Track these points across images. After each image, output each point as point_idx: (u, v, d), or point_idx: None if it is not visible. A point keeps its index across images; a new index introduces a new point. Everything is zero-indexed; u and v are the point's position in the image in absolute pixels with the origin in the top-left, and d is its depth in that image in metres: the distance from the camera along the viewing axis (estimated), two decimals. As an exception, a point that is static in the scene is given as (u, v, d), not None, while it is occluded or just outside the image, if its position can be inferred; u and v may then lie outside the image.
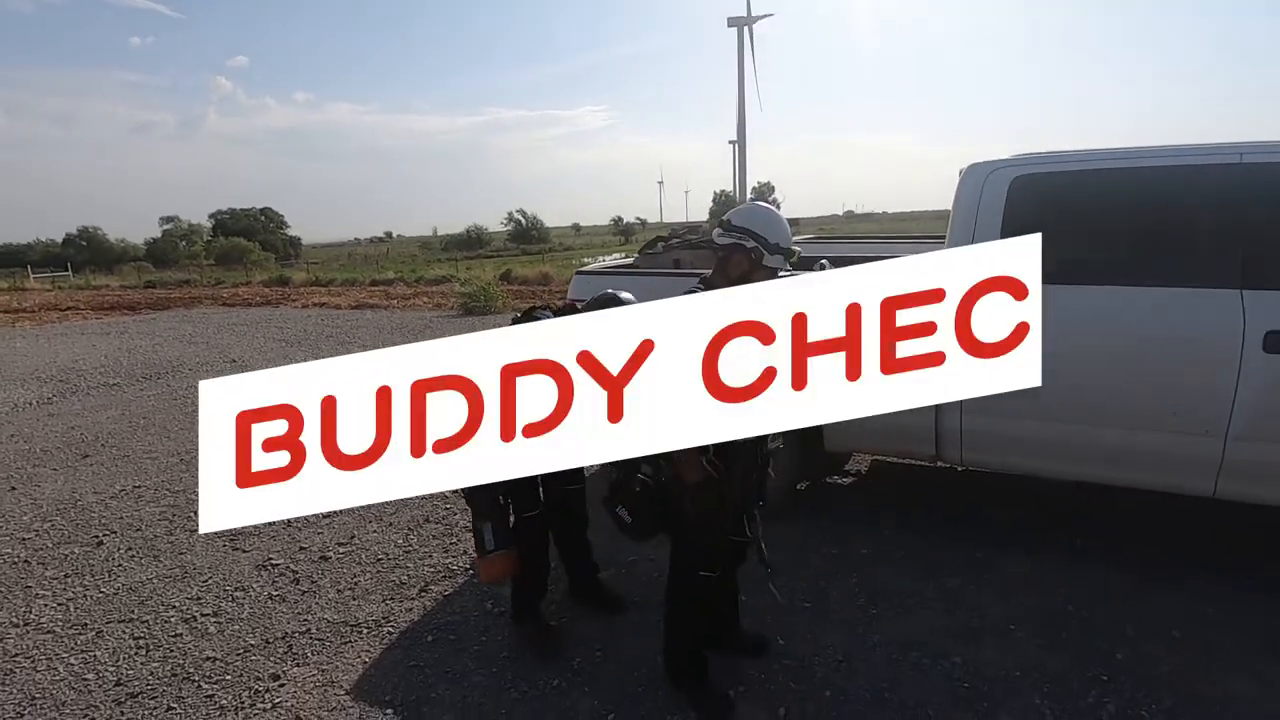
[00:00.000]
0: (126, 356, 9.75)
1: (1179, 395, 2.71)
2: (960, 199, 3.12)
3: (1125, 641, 2.54)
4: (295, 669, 2.60)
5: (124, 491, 4.48)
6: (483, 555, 2.49)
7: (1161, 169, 2.83)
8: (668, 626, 2.37)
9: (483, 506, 2.47)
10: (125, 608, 3.08)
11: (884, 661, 2.49)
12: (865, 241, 5.26)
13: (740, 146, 70.81)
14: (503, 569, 2.52)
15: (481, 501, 2.46)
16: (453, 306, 13.75)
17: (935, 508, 3.70)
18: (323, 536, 3.70)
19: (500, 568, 2.51)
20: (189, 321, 13.94)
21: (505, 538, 2.48)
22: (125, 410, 6.63)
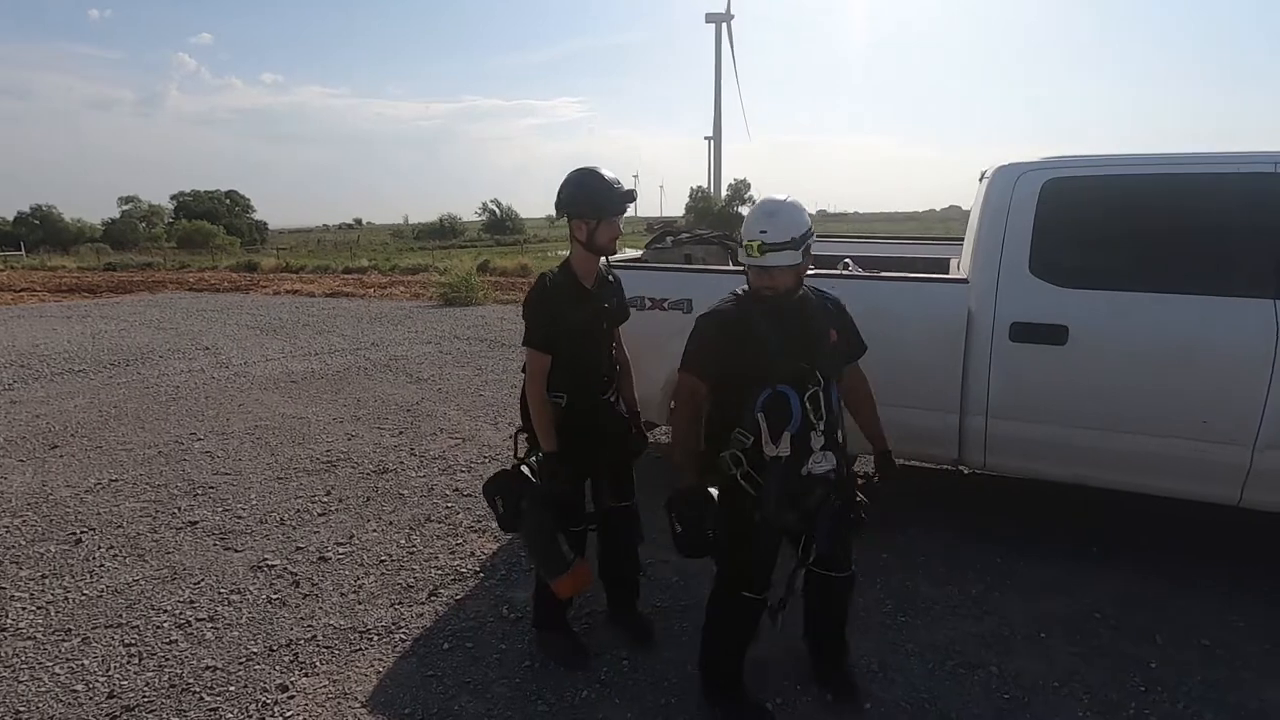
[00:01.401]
0: (91, 342, 9.32)
1: (1207, 403, 2.71)
2: (989, 201, 3.07)
3: (1156, 649, 2.53)
4: (304, 679, 2.45)
5: (100, 485, 4.24)
6: (563, 569, 2.23)
7: (1195, 175, 2.82)
8: (703, 639, 2.28)
9: (549, 520, 2.23)
10: (112, 611, 2.89)
11: (921, 671, 2.44)
12: (879, 241, 5.21)
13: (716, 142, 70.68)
14: (585, 580, 2.30)
15: (547, 515, 2.23)
16: (432, 297, 13.46)
17: (950, 511, 3.68)
18: (320, 536, 3.53)
19: (583, 580, 2.28)
20: (155, 306, 13.42)
21: (575, 547, 2.30)
22: (94, 399, 6.31)
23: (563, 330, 2.25)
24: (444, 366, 7.41)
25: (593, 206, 2.22)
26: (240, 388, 6.66)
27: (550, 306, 2.25)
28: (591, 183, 2.23)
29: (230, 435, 5.17)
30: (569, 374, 2.29)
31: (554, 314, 2.24)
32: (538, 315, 2.25)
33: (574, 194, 2.24)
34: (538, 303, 2.26)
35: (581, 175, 2.25)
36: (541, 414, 2.25)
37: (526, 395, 2.29)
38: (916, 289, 3.19)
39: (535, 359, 2.26)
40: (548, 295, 2.26)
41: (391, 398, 6.18)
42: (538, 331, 2.25)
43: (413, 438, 5.06)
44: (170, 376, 7.17)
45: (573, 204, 2.24)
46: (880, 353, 3.18)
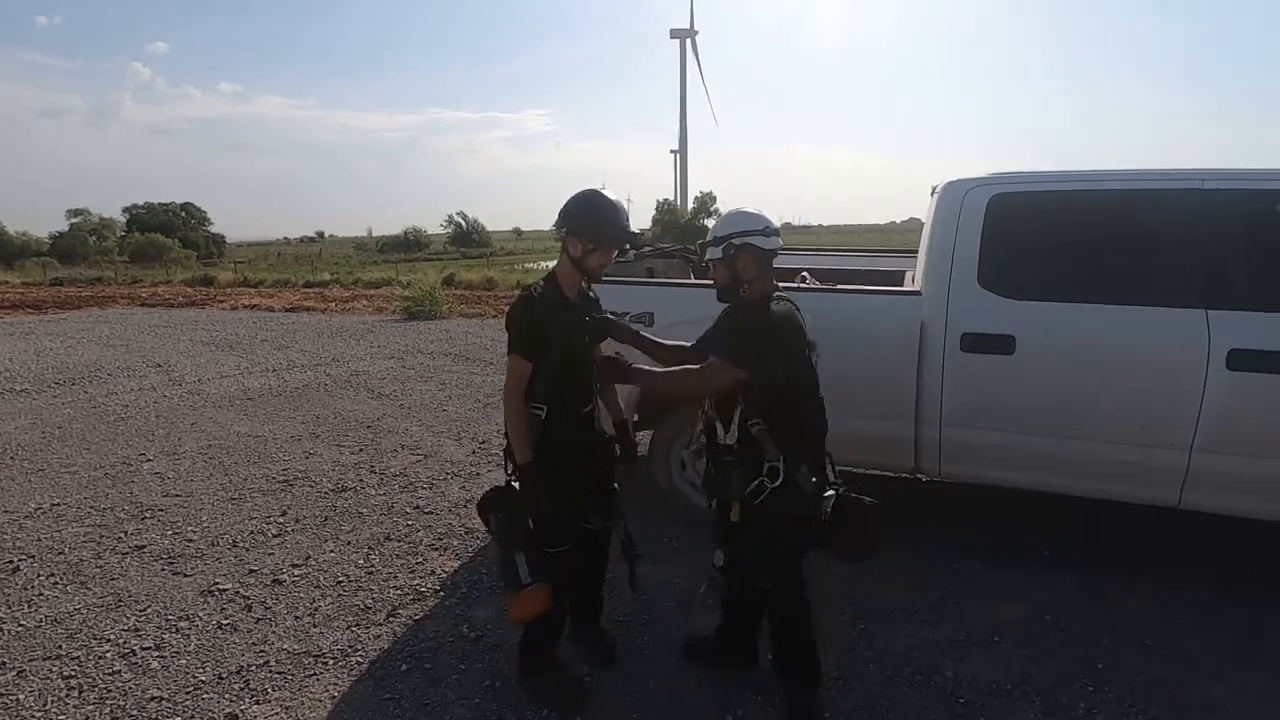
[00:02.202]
0: (34, 360, 8.97)
1: (1146, 409, 2.82)
2: (939, 215, 3.17)
3: (1104, 650, 2.60)
4: (254, 706, 2.38)
5: (40, 510, 4.07)
6: (516, 591, 2.15)
7: (1131, 192, 2.95)
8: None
9: (514, 536, 2.19)
10: (51, 642, 2.76)
11: (879, 678, 2.47)
12: (840, 254, 5.31)
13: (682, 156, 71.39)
14: (539, 605, 2.18)
15: (512, 531, 2.19)
16: (395, 311, 13.29)
17: (908, 519, 3.74)
18: (274, 558, 3.44)
19: (536, 603, 2.18)
20: (104, 322, 12.98)
21: (539, 569, 2.17)
22: (36, 419, 6.07)
23: (550, 341, 2.22)
24: (406, 381, 7.30)
25: (598, 235, 2.23)
26: (193, 406, 6.47)
27: (536, 316, 2.23)
28: (608, 213, 2.23)
29: (182, 455, 5.02)
30: (550, 386, 2.25)
31: (539, 324, 2.22)
32: (523, 324, 2.23)
33: (586, 215, 2.23)
34: (524, 312, 2.24)
35: (600, 202, 2.25)
36: (518, 423, 2.20)
37: (505, 403, 2.24)
38: (871, 301, 3.26)
39: (518, 366, 2.21)
40: (534, 305, 2.24)
41: (352, 414, 6.07)
42: (522, 339, 2.21)
43: (373, 455, 4.97)
44: (119, 395, 6.93)
45: (580, 223, 2.23)
46: (837, 364, 3.25)
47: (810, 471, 2.07)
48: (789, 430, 2.08)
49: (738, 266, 2.14)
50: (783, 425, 2.08)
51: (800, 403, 2.13)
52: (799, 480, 2.04)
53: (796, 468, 2.04)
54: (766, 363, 2.06)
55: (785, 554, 2.17)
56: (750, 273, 2.15)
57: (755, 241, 2.12)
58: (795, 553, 2.19)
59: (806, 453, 2.09)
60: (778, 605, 2.26)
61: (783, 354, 2.09)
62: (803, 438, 2.10)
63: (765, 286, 2.17)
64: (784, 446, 2.06)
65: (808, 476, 2.05)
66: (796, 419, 2.11)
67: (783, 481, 2.05)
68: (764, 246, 2.13)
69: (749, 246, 2.12)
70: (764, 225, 2.14)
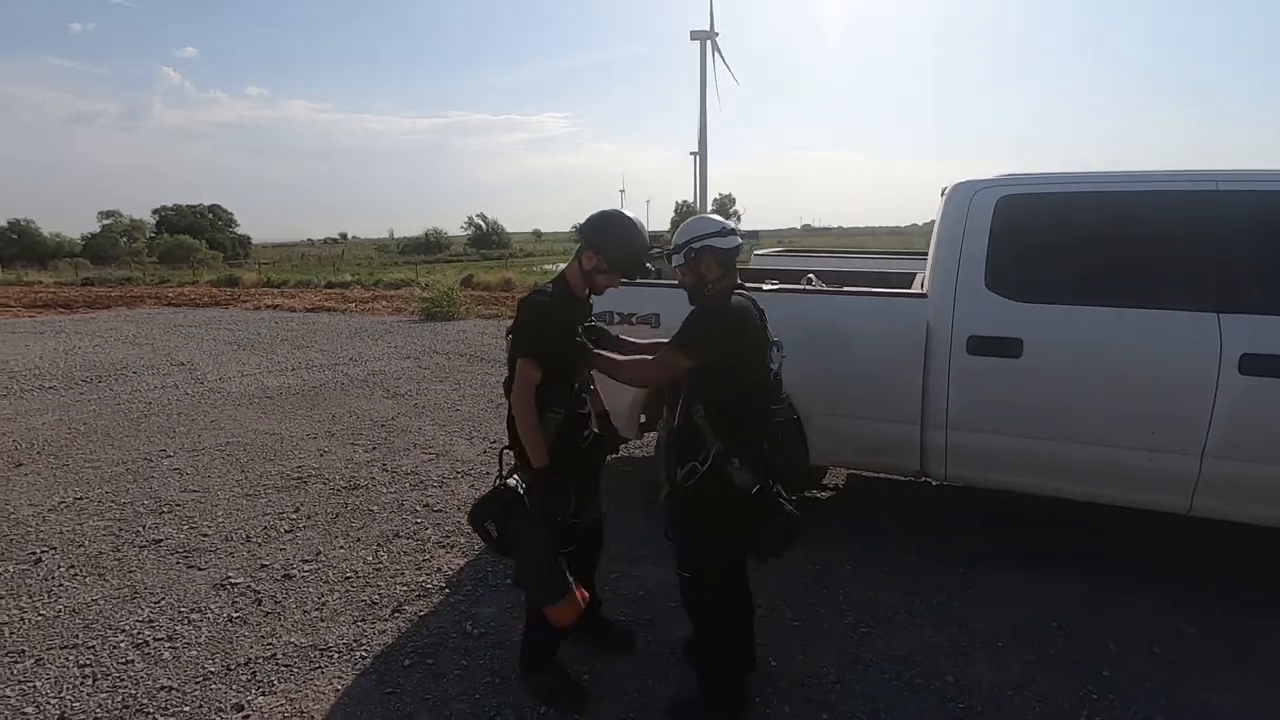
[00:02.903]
0: (64, 358, 9.21)
1: (1155, 413, 2.77)
2: (946, 217, 3.15)
3: (1109, 657, 2.57)
4: (260, 698, 2.43)
5: (64, 504, 4.19)
6: (562, 596, 2.10)
7: (1142, 194, 2.90)
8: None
9: (550, 540, 2.13)
10: (68, 632, 2.85)
11: (878, 681, 2.46)
12: (851, 256, 5.28)
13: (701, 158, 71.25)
14: (579, 608, 2.15)
15: (541, 538, 2.12)
16: (413, 312, 13.44)
17: (914, 523, 3.72)
18: (285, 553, 3.50)
19: (577, 607, 2.14)
20: (131, 321, 13.29)
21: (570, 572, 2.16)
22: (63, 415, 6.23)
23: (562, 344, 2.22)
24: (422, 381, 7.39)
25: (613, 260, 2.26)
26: (214, 404, 6.61)
27: (554, 319, 2.21)
28: (627, 241, 2.26)
29: (201, 452, 5.13)
30: (563, 388, 2.27)
31: (554, 327, 2.21)
32: (541, 327, 2.19)
33: (605, 236, 2.25)
34: (542, 315, 2.20)
35: (621, 228, 2.27)
36: (532, 428, 2.17)
37: (516, 407, 2.19)
38: (877, 303, 3.25)
39: (529, 371, 2.17)
40: (547, 309, 2.21)
41: (367, 413, 6.15)
42: (535, 343, 2.18)
43: (386, 453, 5.04)
44: (143, 393, 7.10)
45: (602, 244, 2.25)
46: (843, 366, 3.26)
47: (744, 465, 2.07)
48: (729, 420, 2.10)
49: (701, 268, 2.22)
50: (723, 415, 2.10)
51: (745, 395, 2.14)
52: (729, 471, 2.07)
53: (729, 459, 2.07)
54: (709, 346, 2.11)
55: (705, 542, 2.19)
56: (713, 272, 2.21)
57: (714, 243, 2.19)
58: (715, 543, 2.19)
59: (745, 445, 2.09)
60: (691, 595, 2.26)
61: (727, 340, 2.12)
62: (742, 430, 2.11)
63: (728, 284, 2.23)
64: (721, 436, 2.08)
65: (741, 470, 2.07)
66: (739, 411, 2.12)
67: (710, 469, 2.08)
68: (723, 246, 2.20)
69: (709, 248, 2.19)
70: (720, 227, 2.23)
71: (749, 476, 2.08)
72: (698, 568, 2.22)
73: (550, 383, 2.22)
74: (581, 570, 2.50)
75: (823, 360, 3.18)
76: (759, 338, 2.17)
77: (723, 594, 2.24)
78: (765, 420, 2.20)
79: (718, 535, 2.17)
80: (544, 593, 2.13)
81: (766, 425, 2.20)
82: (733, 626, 2.27)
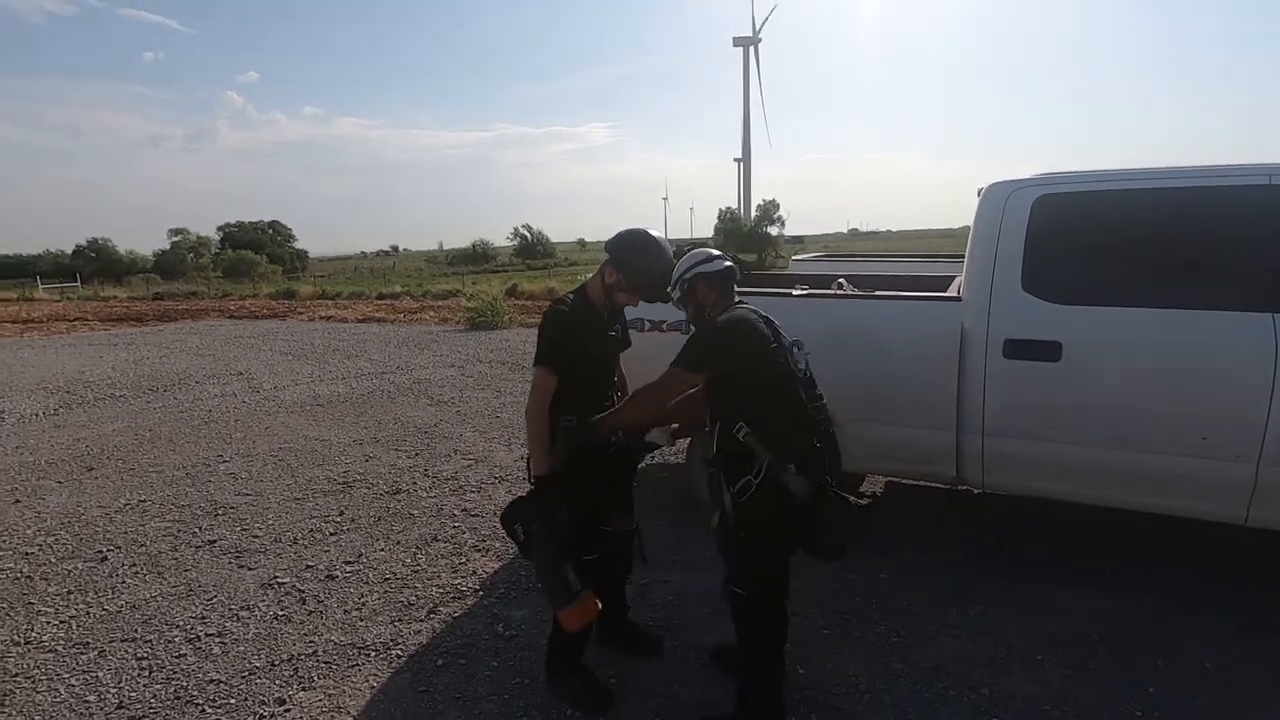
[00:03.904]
0: (133, 368, 9.74)
1: (1207, 418, 2.65)
2: (981, 219, 3.08)
3: (1156, 674, 2.46)
4: (301, 693, 2.53)
5: (128, 506, 4.43)
6: (569, 601, 2.16)
7: (1189, 190, 2.78)
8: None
9: (560, 546, 2.18)
10: (128, 626, 3.02)
11: (908, 692, 2.41)
12: (885, 260, 5.21)
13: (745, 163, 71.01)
14: (591, 611, 2.19)
15: (560, 540, 2.19)
16: (459, 321, 13.75)
17: (954, 532, 3.63)
18: (329, 554, 3.64)
19: (589, 610, 2.19)
20: (196, 334, 13.96)
21: (583, 578, 2.20)
22: (131, 423, 6.60)
23: (578, 354, 2.27)
24: (464, 389, 7.56)
25: (634, 281, 2.30)
26: (268, 411, 6.89)
27: (568, 330, 2.27)
28: (649, 264, 2.29)
29: (255, 457, 5.36)
30: (582, 397, 2.31)
31: (571, 337, 2.26)
32: (555, 337, 2.26)
33: (629, 257, 2.29)
34: (556, 325, 2.28)
35: (646, 250, 2.29)
36: (539, 435, 2.24)
37: (528, 414, 2.27)
38: (908, 308, 3.20)
39: (545, 379, 2.25)
40: (566, 319, 2.28)
41: (411, 420, 6.33)
42: (552, 352, 2.25)
43: (428, 459, 5.18)
44: (204, 401, 7.45)
45: (624, 264, 2.29)
46: (874, 371, 3.21)
47: (800, 470, 2.05)
48: (776, 428, 2.09)
49: (698, 295, 2.27)
50: (768, 425, 2.09)
51: (779, 399, 2.11)
52: (786, 481, 2.04)
53: (784, 467, 2.05)
54: (711, 357, 2.12)
55: (765, 553, 2.15)
56: (709, 295, 2.25)
57: (703, 270, 2.24)
58: (775, 554, 2.17)
59: (795, 453, 2.07)
60: (744, 610, 2.21)
61: (728, 346, 2.11)
62: (791, 435, 2.10)
63: (727, 303, 2.25)
64: (771, 447, 2.07)
65: (797, 476, 2.04)
66: (782, 416, 2.10)
67: (767, 481, 2.06)
68: (712, 270, 2.25)
69: (699, 276, 2.25)
70: (705, 256, 2.28)
71: (805, 482, 2.05)
72: (752, 583, 2.17)
73: (570, 391, 2.27)
74: (610, 578, 2.54)
75: (854, 365, 3.14)
76: (763, 339, 2.13)
77: (774, 607, 2.22)
78: (808, 418, 2.16)
79: (779, 546, 2.15)
80: (553, 596, 2.19)
81: (810, 423, 2.15)
82: (779, 639, 2.25)
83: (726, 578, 2.23)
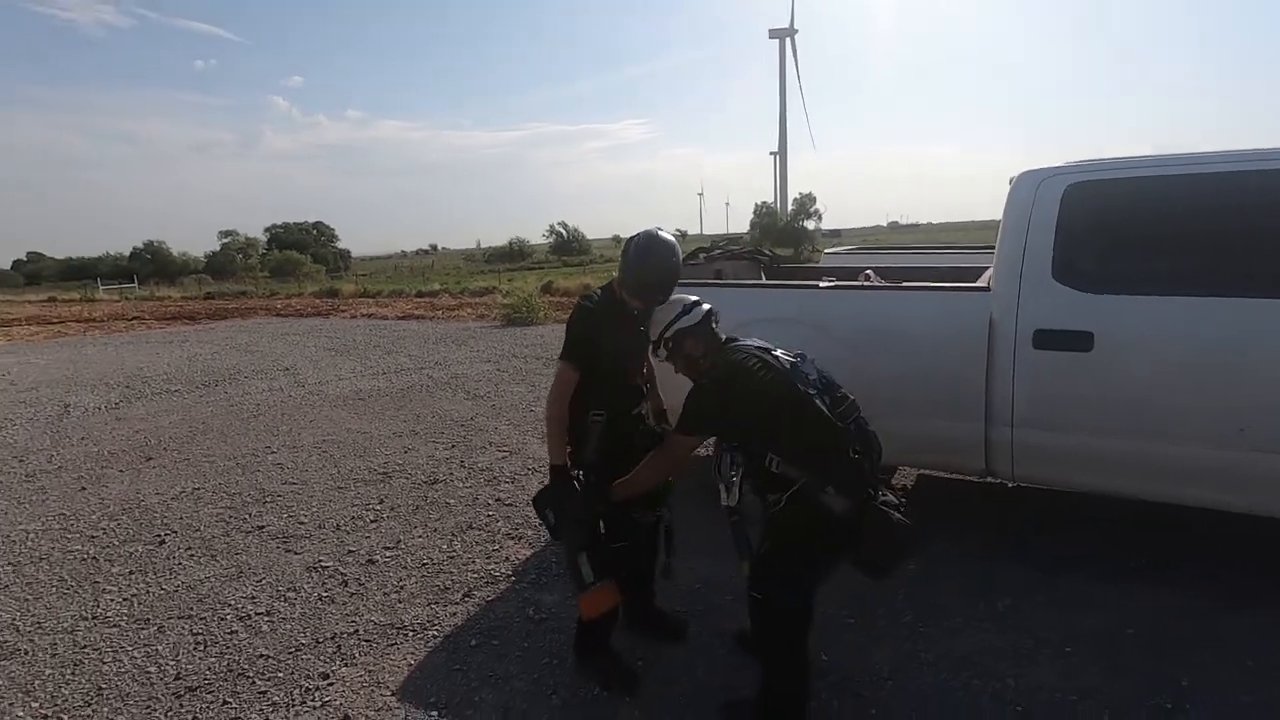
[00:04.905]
0: (187, 364, 10.18)
1: (1243, 409, 2.59)
2: (1011, 208, 3.05)
3: (1190, 668, 2.42)
4: (344, 669, 2.66)
5: (184, 493, 4.67)
6: (584, 589, 2.25)
7: (1224, 175, 2.72)
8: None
9: (580, 535, 2.28)
10: (185, 604, 3.20)
11: (933, 681, 2.42)
12: (919, 252, 5.16)
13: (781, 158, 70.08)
14: (606, 601, 2.29)
15: (578, 533, 2.28)
16: (495, 318, 13.98)
17: (984, 525, 3.60)
18: (370, 540, 3.79)
19: (604, 600, 2.28)
20: (245, 331, 14.49)
21: (602, 569, 2.27)
22: (185, 415, 6.92)
23: (603, 349, 2.32)
24: (500, 384, 7.71)
25: (627, 284, 2.34)
26: (313, 405, 7.15)
27: (592, 326, 2.32)
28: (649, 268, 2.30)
29: (300, 448, 5.58)
30: (609, 391, 2.37)
31: (595, 333, 2.31)
32: (579, 333, 2.33)
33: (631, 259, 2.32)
34: (580, 322, 2.34)
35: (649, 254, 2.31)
36: (557, 427, 2.31)
37: (548, 406, 2.34)
38: (935, 298, 3.19)
39: (566, 373, 2.31)
40: (590, 315, 2.34)
41: (448, 413, 6.49)
42: (575, 347, 2.31)
43: (464, 451, 5.32)
44: (252, 395, 7.76)
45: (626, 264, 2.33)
46: (901, 362, 3.21)
47: (840, 490, 2.00)
48: (807, 453, 2.03)
49: (685, 350, 2.27)
50: (798, 451, 2.04)
51: (801, 423, 2.05)
52: (825, 501, 2.00)
53: (822, 489, 2.00)
54: (718, 416, 2.14)
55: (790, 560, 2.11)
56: (698, 348, 2.26)
57: (682, 325, 2.25)
58: (800, 562, 2.12)
59: (831, 471, 2.02)
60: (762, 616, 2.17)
61: (732, 400, 2.09)
62: (824, 455, 2.03)
63: (716, 348, 2.25)
64: (806, 469, 2.03)
65: (836, 495, 2.00)
66: (808, 439, 2.04)
67: (801, 496, 2.03)
68: (692, 322, 2.25)
69: (680, 332, 2.25)
70: (681, 307, 2.28)
71: (844, 500, 2.00)
72: (774, 589, 2.11)
73: (596, 385, 2.33)
74: (636, 567, 2.61)
75: (880, 357, 3.14)
76: (760, 381, 2.09)
77: (798, 615, 2.15)
78: (835, 431, 2.05)
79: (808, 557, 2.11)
80: (575, 583, 2.27)
81: (839, 435, 2.06)
82: (800, 643, 2.18)
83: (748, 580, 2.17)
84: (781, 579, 2.11)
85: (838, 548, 2.08)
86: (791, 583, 2.11)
